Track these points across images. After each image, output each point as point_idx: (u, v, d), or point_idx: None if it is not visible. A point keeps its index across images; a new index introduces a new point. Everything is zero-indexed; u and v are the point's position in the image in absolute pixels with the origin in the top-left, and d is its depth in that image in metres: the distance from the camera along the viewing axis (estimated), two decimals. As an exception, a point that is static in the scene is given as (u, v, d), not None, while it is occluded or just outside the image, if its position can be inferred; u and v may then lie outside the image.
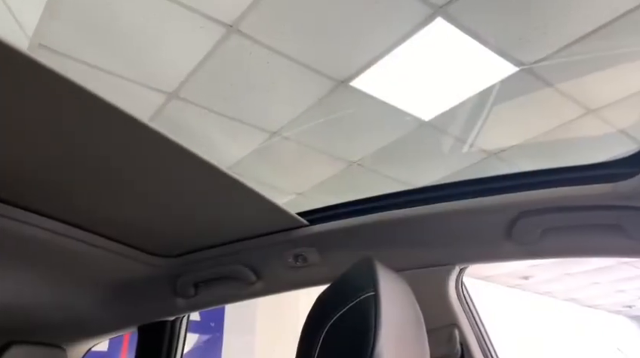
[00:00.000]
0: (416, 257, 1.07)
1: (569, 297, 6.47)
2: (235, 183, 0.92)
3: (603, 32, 2.17)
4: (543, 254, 0.98)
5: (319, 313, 0.78)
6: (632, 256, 0.92)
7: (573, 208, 0.89)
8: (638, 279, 5.60)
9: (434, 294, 1.06)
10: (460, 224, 1.01)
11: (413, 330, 0.77)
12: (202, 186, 0.94)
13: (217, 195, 0.98)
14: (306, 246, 1.11)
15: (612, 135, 2.97)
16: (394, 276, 0.80)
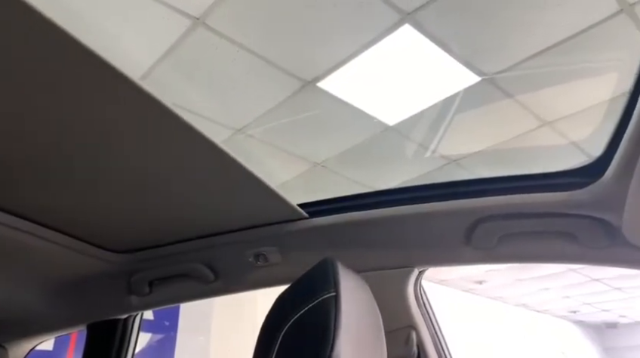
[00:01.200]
0: (377, 258, 1.08)
1: (519, 303, 6.71)
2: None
3: (561, 48, 2.26)
4: (500, 259, 1.00)
5: (279, 313, 0.76)
6: (584, 263, 0.95)
7: (529, 214, 0.92)
8: (583, 285, 5.86)
9: (393, 296, 1.07)
10: (420, 227, 1.02)
11: (372, 331, 0.77)
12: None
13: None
14: (267, 246, 1.10)
15: (565, 147, 3.09)
16: (355, 277, 0.80)
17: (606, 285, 5.81)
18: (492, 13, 2.09)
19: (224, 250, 1.12)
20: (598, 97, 2.57)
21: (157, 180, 0.91)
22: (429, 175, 3.44)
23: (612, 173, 0.78)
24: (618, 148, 0.74)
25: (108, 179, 0.90)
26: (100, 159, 0.84)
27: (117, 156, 0.84)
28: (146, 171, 0.88)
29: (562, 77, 2.51)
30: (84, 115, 0.73)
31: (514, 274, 5.50)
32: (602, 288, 5.96)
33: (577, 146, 3.10)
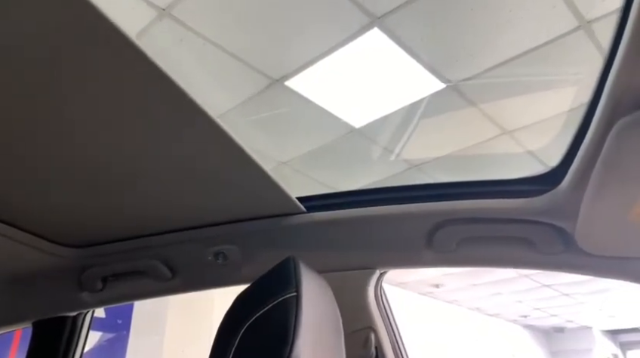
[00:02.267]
0: (339, 259, 1.07)
1: (473, 306, 6.89)
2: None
3: (523, 59, 2.33)
4: (459, 262, 1.02)
5: (238, 313, 0.75)
6: (539, 268, 0.98)
7: (488, 219, 0.94)
8: (534, 291, 6.08)
9: (354, 297, 1.07)
10: (383, 229, 1.02)
11: (332, 333, 0.77)
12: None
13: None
14: (227, 244, 1.07)
15: (522, 155, 3.20)
16: (316, 278, 0.79)
17: (555, 290, 6.05)
18: (459, 22, 2.14)
19: (182, 247, 1.09)
20: (557, 108, 2.67)
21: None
22: (392, 179, 3.48)
23: (568, 182, 0.81)
24: (574, 159, 0.77)
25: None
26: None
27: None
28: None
29: (523, 88, 2.59)
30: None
31: (469, 279, 5.64)
32: (552, 294, 6.20)
33: (534, 155, 3.21)
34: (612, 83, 0.60)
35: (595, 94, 0.68)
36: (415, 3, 2.06)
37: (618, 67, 0.58)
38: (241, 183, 0.93)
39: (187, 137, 0.79)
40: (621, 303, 6.48)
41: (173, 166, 0.86)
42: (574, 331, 7.97)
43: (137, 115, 0.73)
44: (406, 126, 2.98)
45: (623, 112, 0.62)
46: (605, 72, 0.62)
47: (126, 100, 0.70)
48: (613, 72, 0.59)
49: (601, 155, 0.68)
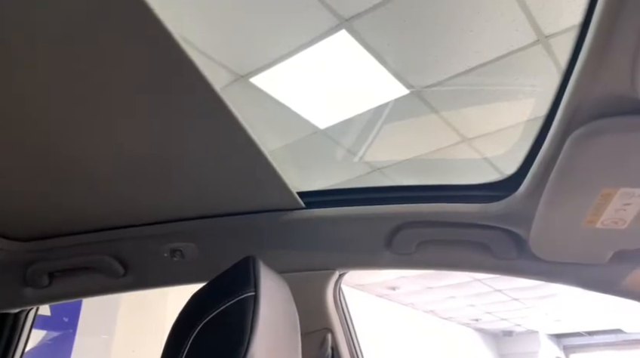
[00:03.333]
0: (299, 260, 1.07)
1: (428, 309, 7.03)
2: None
3: (484, 70, 2.40)
4: (418, 264, 1.03)
5: (193, 312, 0.73)
6: (494, 273, 1.00)
7: (447, 223, 0.95)
8: (486, 295, 6.26)
9: (312, 297, 1.07)
10: (343, 230, 1.02)
11: (289, 333, 0.76)
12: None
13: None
14: (184, 241, 1.05)
15: (479, 163, 3.29)
16: (276, 278, 0.78)
17: (506, 295, 6.26)
18: (425, 29, 2.17)
19: (137, 243, 1.06)
20: (515, 119, 2.75)
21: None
22: (353, 181, 3.51)
23: (524, 189, 0.83)
24: (531, 167, 0.79)
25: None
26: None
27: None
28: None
29: (483, 97, 2.66)
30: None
31: (425, 282, 5.75)
32: (503, 299, 6.41)
33: (491, 163, 3.31)
34: (569, 95, 0.62)
35: (552, 106, 0.70)
36: (383, 7, 2.08)
37: (575, 81, 0.60)
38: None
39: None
40: (566, 309, 6.77)
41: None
42: (522, 335, 8.26)
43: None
44: (370, 129, 3.01)
45: (578, 123, 0.64)
46: (563, 85, 0.64)
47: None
48: (571, 85, 0.61)
49: (557, 164, 0.71)
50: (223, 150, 0.83)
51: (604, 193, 0.72)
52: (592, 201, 0.74)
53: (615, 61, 0.54)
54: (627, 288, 0.92)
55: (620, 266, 0.91)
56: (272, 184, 0.92)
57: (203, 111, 0.73)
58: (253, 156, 0.84)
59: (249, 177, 0.90)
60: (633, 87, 0.56)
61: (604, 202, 0.74)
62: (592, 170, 0.68)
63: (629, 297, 0.94)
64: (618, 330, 7.77)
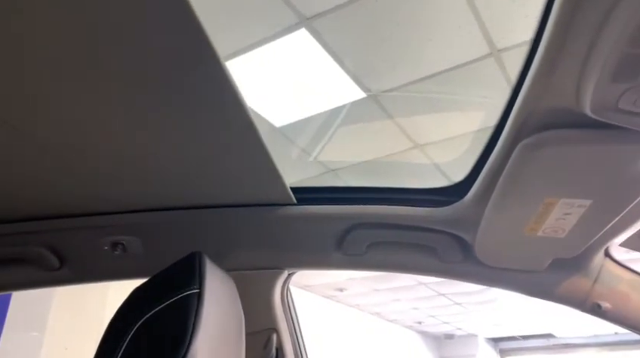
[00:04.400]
0: (248, 258, 1.05)
1: (374, 311, 7.13)
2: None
3: (439, 78, 2.46)
4: (367, 266, 1.04)
5: (132, 308, 0.70)
6: (440, 276, 1.02)
7: (397, 226, 0.96)
8: (431, 299, 6.43)
9: (259, 297, 1.05)
10: (294, 229, 1.01)
11: (233, 333, 0.74)
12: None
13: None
14: (127, 234, 1.00)
15: (429, 169, 3.37)
16: (222, 275, 0.76)
17: (449, 299, 6.45)
18: (384, 35, 2.20)
19: (74, 235, 1.00)
20: (465, 128, 2.84)
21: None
22: (307, 181, 3.50)
23: (472, 196, 0.85)
24: (479, 174, 0.81)
25: None
26: None
27: None
28: None
29: (437, 105, 2.73)
30: None
31: (372, 284, 5.84)
32: (446, 303, 6.60)
33: (440, 170, 3.40)
34: (519, 107, 0.64)
35: (502, 116, 0.72)
36: (345, 9, 2.09)
37: (525, 93, 0.62)
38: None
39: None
40: (504, 313, 7.07)
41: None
42: (462, 338, 8.54)
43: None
44: (325, 130, 3.01)
45: (526, 133, 0.66)
46: (514, 97, 0.66)
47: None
48: (521, 97, 0.63)
49: (504, 173, 0.73)
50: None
51: (547, 202, 0.75)
52: (535, 209, 0.76)
53: (563, 77, 0.56)
54: (562, 294, 0.97)
55: (557, 274, 0.95)
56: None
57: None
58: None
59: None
60: (578, 102, 0.58)
61: (546, 211, 0.77)
62: (537, 179, 0.71)
63: (564, 304, 0.99)
64: (550, 335, 8.19)
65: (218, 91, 0.69)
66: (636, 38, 0.47)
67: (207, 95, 0.69)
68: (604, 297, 0.94)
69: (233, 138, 0.79)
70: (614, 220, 0.77)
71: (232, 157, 0.83)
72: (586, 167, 0.67)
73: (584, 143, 0.63)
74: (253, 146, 0.81)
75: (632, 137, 0.59)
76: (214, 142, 0.79)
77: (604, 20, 0.48)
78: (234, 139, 0.79)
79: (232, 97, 0.70)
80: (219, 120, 0.74)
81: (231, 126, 0.76)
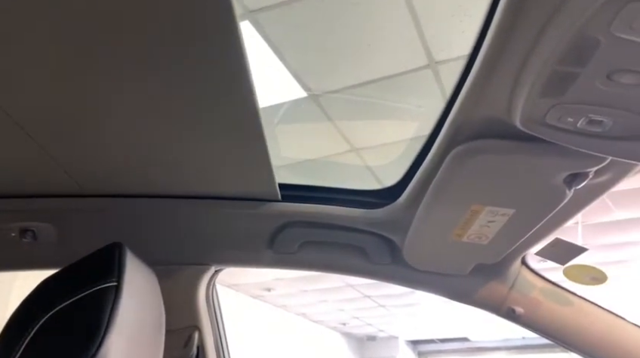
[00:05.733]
0: (172, 251, 1.00)
1: (300, 312, 7.16)
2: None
3: (378, 85, 2.51)
4: (298, 264, 1.03)
5: (42, 299, 0.64)
6: (369, 277, 1.04)
7: (330, 225, 0.96)
8: (357, 300, 6.56)
9: (183, 293, 1.01)
10: (223, 224, 0.98)
11: (152, 329, 0.70)
12: None
13: None
14: (38, 221, 0.92)
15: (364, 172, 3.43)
16: (143, 269, 0.72)
17: (374, 301, 6.61)
18: (329, 35, 2.21)
19: None
20: (401, 135, 2.92)
21: None
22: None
23: (403, 200, 0.87)
24: (412, 179, 0.83)
25: None
26: None
27: None
28: None
29: (375, 111, 2.78)
30: None
31: (300, 285, 5.85)
32: (371, 305, 6.76)
33: (374, 174, 3.47)
34: (454, 115, 0.66)
35: (437, 123, 0.74)
36: (290, 6, 2.07)
37: (460, 102, 0.64)
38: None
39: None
40: (425, 317, 7.35)
41: None
42: (384, 340, 8.78)
43: None
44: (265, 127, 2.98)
45: (459, 141, 0.69)
46: (449, 106, 0.68)
47: None
48: (456, 106, 0.65)
49: (435, 178, 0.75)
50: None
51: (473, 209, 0.77)
52: (462, 215, 0.79)
53: (496, 90, 0.59)
54: (481, 299, 1.01)
55: (478, 279, 1.00)
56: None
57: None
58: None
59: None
60: (509, 114, 0.61)
61: (472, 218, 0.80)
62: (465, 186, 0.73)
63: (482, 308, 1.03)
64: (465, 338, 8.63)
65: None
66: (565, 57, 0.49)
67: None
68: (519, 302, 0.99)
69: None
70: (533, 229, 0.82)
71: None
72: (512, 177, 0.70)
73: (511, 153, 0.66)
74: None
75: (556, 151, 0.63)
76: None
77: (538, 38, 0.50)
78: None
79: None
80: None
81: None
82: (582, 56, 0.48)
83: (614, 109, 0.54)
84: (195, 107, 0.71)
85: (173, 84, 0.67)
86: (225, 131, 0.76)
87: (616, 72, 0.49)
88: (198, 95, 0.69)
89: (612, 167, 0.67)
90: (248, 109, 0.71)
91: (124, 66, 0.63)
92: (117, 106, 0.70)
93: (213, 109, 0.71)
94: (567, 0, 0.45)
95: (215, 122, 0.74)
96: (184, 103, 0.70)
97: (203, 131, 0.76)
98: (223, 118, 0.74)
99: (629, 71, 0.49)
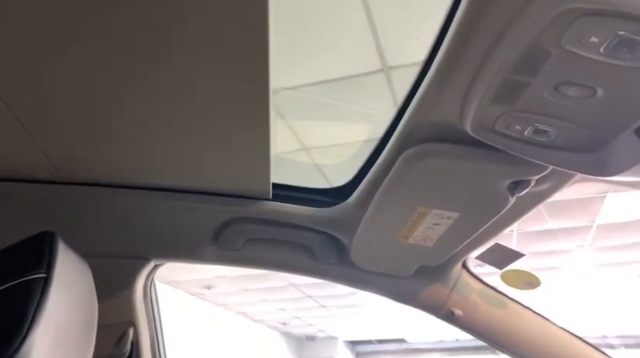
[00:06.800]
0: (110, 244, 0.95)
1: (240, 311, 7.06)
2: None
3: (333, 85, 2.51)
4: (243, 262, 1.01)
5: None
6: (315, 276, 1.03)
7: (277, 223, 0.95)
8: (298, 300, 6.55)
9: (120, 287, 0.96)
10: (166, 217, 0.94)
11: (82, 325, 0.66)
12: None
13: None
14: None
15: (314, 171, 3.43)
16: (77, 261, 0.68)
17: (316, 301, 6.63)
18: (283, 30, 2.19)
19: None
20: (352, 136, 2.94)
21: None
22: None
23: (353, 200, 0.87)
24: (363, 180, 0.83)
25: None
26: None
27: None
28: None
29: (328, 111, 2.79)
30: None
31: (242, 283, 5.77)
32: (312, 305, 6.78)
33: (323, 173, 3.48)
34: (407, 118, 0.67)
35: (390, 126, 0.75)
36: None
37: (414, 106, 0.65)
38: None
39: None
40: (365, 318, 7.47)
41: None
42: (323, 340, 8.84)
43: None
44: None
45: (410, 144, 0.69)
46: (403, 108, 0.69)
47: None
48: (410, 110, 0.66)
49: (386, 180, 0.75)
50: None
51: (420, 212, 0.79)
52: (409, 217, 0.80)
53: (450, 96, 0.60)
54: (423, 300, 1.03)
55: (420, 281, 1.01)
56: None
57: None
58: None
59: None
60: (461, 120, 0.62)
61: (419, 220, 0.81)
62: (414, 189, 0.74)
63: (423, 309, 1.05)
64: (402, 340, 8.86)
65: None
66: (518, 66, 0.51)
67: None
68: (458, 305, 1.02)
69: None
70: (475, 234, 0.84)
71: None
72: (459, 181, 0.71)
73: (460, 158, 0.67)
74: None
75: (501, 158, 0.65)
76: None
77: (493, 47, 0.51)
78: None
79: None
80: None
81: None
82: (533, 66, 0.50)
83: (559, 121, 0.56)
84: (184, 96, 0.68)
85: (178, 80, 0.64)
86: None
87: (564, 84, 0.51)
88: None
89: (552, 176, 0.70)
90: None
91: (129, 61, 0.61)
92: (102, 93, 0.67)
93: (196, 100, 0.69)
94: (523, 11, 0.46)
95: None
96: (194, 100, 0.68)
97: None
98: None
99: (575, 84, 0.51)
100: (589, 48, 0.46)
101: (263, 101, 0.70)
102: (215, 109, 0.71)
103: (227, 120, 0.73)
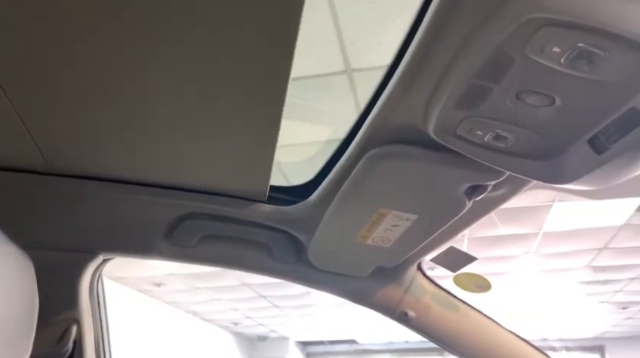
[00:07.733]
0: (56, 236, 0.90)
1: (190, 310, 6.91)
2: None
3: (296, 83, 2.49)
4: (197, 259, 0.98)
5: None
6: (272, 276, 1.01)
7: (234, 219, 0.93)
8: (251, 300, 6.48)
9: (64, 282, 0.91)
10: (117, 210, 0.90)
11: (20, 322, 0.62)
12: None
13: None
14: None
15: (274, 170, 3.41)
16: (16, 253, 0.64)
17: (269, 301, 6.58)
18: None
19: None
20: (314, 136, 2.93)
21: None
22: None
23: (314, 199, 0.86)
24: (325, 179, 0.82)
25: None
26: None
27: None
28: None
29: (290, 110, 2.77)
30: None
31: (193, 281, 5.65)
32: (265, 305, 6.72)
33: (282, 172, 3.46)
34: (371, 119, 0.67)
35: (354, 126, 0.75)
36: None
37: (378, 107, 0.65)
38: None
39: None
40: (317, 319, 7.48)
41: None
42: (275, 341, 8.80)
43: None
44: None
45: (373, 144, 0.69)
46: (367, 109, 0.69)
47: None
48: (374, 111, 0.66)
49: (347, 180, 0.75)
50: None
51: (380, 213, 0.79)
52: (369, 218, 0.80)
53: (414, 98, 0.60)
54: (378, 301, 1.04)
55: (376, 282, 1.02)
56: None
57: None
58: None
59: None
60: (424, 123, 0.62)
61: (378, 221, 0.81)
62: (376, 189, 0.74)
63: (378, 310, 1.06)
64: (353, 341, 8.94)
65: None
66: (482, 72, 0.51)
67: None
68: (411, 306, 1.03)
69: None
70: (432, 236, 0.85)
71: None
72: (418, 183, 0.72)
73: (421, 160, 0.68)
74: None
75: (462, 162, 0.66)
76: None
77: (459, 51, 0.52)
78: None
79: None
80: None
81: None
82: (497, 72, 0.51)
83: (518, 127, 0.57)
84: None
85: (178, 80, 0.62)
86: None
87: (524, 91, 0.53)
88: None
89: (508, 182, 0.72)
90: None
91: (129, 61, 0.60)
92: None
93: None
94: (489, 17, 0.47)
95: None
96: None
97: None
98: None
99: (535, 92, 0.52)
100: (550, 58, 0.47)
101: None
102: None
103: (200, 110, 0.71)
